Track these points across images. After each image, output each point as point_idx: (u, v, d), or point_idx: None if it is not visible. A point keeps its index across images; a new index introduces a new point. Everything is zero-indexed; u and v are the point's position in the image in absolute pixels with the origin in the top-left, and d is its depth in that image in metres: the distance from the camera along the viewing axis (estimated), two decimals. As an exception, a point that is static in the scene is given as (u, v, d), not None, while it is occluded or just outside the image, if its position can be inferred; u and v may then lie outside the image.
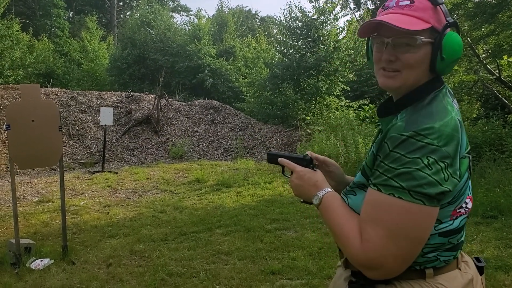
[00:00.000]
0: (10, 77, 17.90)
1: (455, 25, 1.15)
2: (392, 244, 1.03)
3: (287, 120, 14.27)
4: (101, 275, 4.03)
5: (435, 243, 1.09)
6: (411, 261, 1.07)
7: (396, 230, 1.03)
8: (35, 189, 8.38)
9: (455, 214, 1.11)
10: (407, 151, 1.02)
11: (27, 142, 4.30)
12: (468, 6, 8.46)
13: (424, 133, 1.02)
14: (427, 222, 1.04)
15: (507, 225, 4.98)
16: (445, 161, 1.01)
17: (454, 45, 1.12)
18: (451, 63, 1.14)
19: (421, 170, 1.00)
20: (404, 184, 1.02)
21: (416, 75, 1.15)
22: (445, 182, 1.02)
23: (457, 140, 1.04)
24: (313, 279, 3.75)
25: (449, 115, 1.07)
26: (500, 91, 10.35)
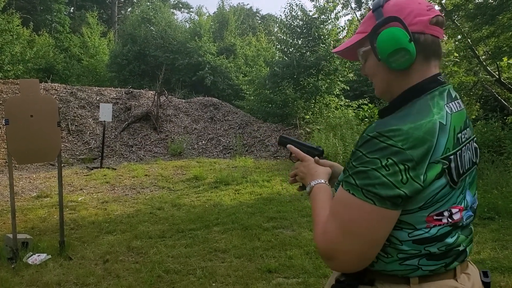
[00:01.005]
0: (10, 72, 17.88)
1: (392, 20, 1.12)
2: (343, 238, 1.05)
3: (286, 119, 14.29)
4: (98, 271, 4.03)
5: (409, 250, 1.07)
6: (365, 259, 1.07)
7: (348, 226, 1.05)
8: (33, 184, 8.38)
9: (432, 222, 1.06)
10: (368, 150, 1.03)
11: (26, 137, 4.30)
12: (468, 7, 8.45)
13: (388, 134, 1.01)
14: (379, 223, 1.03)
15: (504, 226, 4.99)
16: (406, 164, 0.99)
17: (384, 43, 1.11)
18: (388, 58, 1.12)
19: (377, 170, 1.00)
20: (359, 182, 1.03)
21: (381, 80, 1.19)
22: (403, 185, 1.00)
23: (428, 144, 1.01)
24: (310, 277, 3.76)
25: (427, 118, 1.05)
26: (500, 93, 10.35)
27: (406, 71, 1.14)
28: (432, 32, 1.14)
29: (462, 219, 1.12)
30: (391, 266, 1.09)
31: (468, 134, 1.17)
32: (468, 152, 1.15)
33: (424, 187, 1.02)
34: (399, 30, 1.10)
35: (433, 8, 1.16)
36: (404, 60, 1.11)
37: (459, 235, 1.12)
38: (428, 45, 1.13)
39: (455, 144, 1.08)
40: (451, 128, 1.07)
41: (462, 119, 1.15)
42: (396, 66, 1.13)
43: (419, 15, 1.13)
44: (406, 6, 1.14)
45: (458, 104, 1.15)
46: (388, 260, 1.09)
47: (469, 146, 1.17)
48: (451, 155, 1.06)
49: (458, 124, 1.12)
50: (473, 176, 1.19)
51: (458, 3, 8.57)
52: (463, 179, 1.12)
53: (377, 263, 1.10)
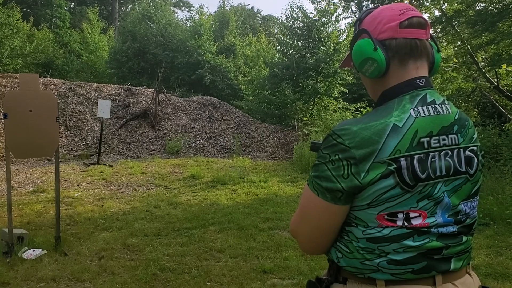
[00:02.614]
0: (9, 66, 17.84)
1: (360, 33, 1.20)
2: (300, 222, 1.20)
3: (284, 120, 14.29)
4: (93, 267, 4.03)
5: (364, 247, 1.10)
6: (317, 244, 1.19)
7: (302, 212, 1.18)
8: (30, 179, 8.36)
9: (383, 221, 1.07)
10: (324, 146, 1.12)
11: (24, 131, 4.29)
12: (469, 14, 8.48)
13: (339, 133, 1.09)
14: (321, 214, 1.13)
15: (499, 233, 5.01)
16: (349, 160, 1.06)
17: (354, 56, 1.21)
18: (363, 67, 1.19)
19: (325, 164, 1.10)
20: (312, 174, 1.14)
21: (369, 89, 1.29)
22: (343, 180, 1.06)
23: (374, 145, 1.05)
24: (304, 279, 3.76)
25: (381, 120, 1.08)
26: (498, 100, 10.39)
27: (384, 76, 1.18)
28: (404, 35, 1.14)
29: (429, 226, 1.08)
30: (353, 262, 1.13)
31: (451, 141, 1.12)
32: (447, 159, 1.10)
33: (363, 184, 1.05)
34: (366, 41, 1.17)
35: (408, 11, 1.16)
36: (374, 68, 1.16)
37: (430, 240, 1.08)
38: (400, 49, 1.14)
39: (412, 147, 1.06)
40: (409, 131, 1.06)
41: (438, 125, 1.11)
42: (369, 74, 1.19)
43: (388, 22, 1.16)
44: (378, 16, 1.19)
45: (432, 109, 1.11)
46: (350, 256, 1.13)
47: (450, 153, 1.11)
48: (402, 157, 1.04)
49: (426, 129, 1.08)
50: (456, 185, 1.12)
51: (459, 9, 8.60)
52: (429, 185, 1.07)
53: (342, 258, 1.15)
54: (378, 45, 1.14)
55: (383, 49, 1.14)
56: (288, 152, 12.14)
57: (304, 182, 8.22)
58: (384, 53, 1.14)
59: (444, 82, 10.51)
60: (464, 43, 8.79)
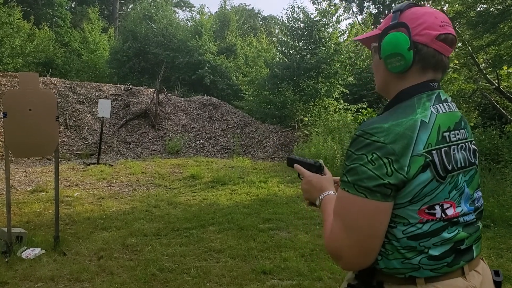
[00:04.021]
0: (9, 65, 17.84)
1: (400, 25, 1.21)
2: (346, 234, 1.11)
3: (285, 120, 14.28)
4: (92, 267, 4.01)
5: (406, 246, 1.11)
6: (368, 253, 1.12)
7: (348, 222, 1.11)
8: (29, 178, 8.35)
9: (424, 215, 1.11)
10: (356, 148, 1.11)
11: (23, 130, 4.28)
12: (470, 15, 8.46)
13: (371, 131, 1.09)
14: (374, 215, 1.09)
15: (500, 234, 4.99)
16: (389, 158, 1.06)
17: (385, 45, 1.22)
18: (386, 59, 1.22)
19: (364, 165, 1.08)
20: (350, 179, 1.11)
21: (379, 78, 1.30)
22: (388, 177, 1.07)
23: (408, 139, 1.08)
24: (304, 280, 3.75)
25: (410, 116, 1.12)
26: (499, 101, 10.37)
27: (402, 75, 1.22)
28: (436, 47, 1.19)
29: (459, 215, 1.15)
30: (392, 263, 1.12)
31: (462, 135, 1.22)
32: (462, 152, 1.19)
33: (409, 178, 1.07)
34: (403, 36, 1.18)
35: (447, 26, 1.21)
36: (399, 64, 1.20)
37: (458, 231, 1.15)
38: (428, 58, 1.19)
39: (439, 141, 1.13)
40: (434, 126, 1.13)
41: (453, 120, 1.20)
42: (391, 68, 1.22)
43: (428, 28, 1.19)
44: (421, 17, 1.21)
45: (447, 106, 1.20)
46: (390, 257, 1.12)
47: (464, 146, 1.21)
48: (434, 150, 1.11)
49: (446, 124, 1.17)
50: (471, 175, 1.22)
51: (460, 11, 8.58)
52: (455, 176, 1.15)
53: (381, 260, 1.14)
54: (412, 47, 1.18)
55: (414, 51, 1.18)
56: (288, 153, 12.12)
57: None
58: (413, 55, 1.18)
59: (445, 83, 10.48)
60: (465, 44, 8.77)
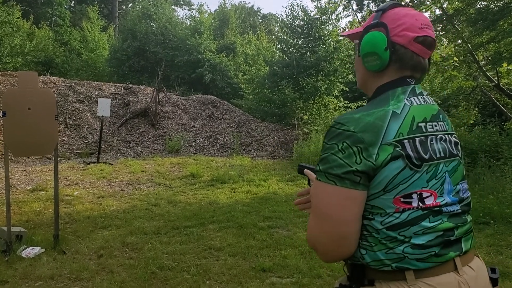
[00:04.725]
0: (9, 64, 17.83)
1: (379, 25, 1.24)
2: (318, 223, 1.15)
3: (284, 119, 14.27)
4: (92, 266, 4.02)
5: (386, 237, 1.12)
6: (340, 243, 1.13)
7: (319, 210, 1.15)
8: (29, 177, 8.35)
9: (400, 204, 1.11)
10: (328, 138, 1.16)
11: (23, 129, 4.28)
12: (469, 12, 8.44)
13: (342, 121, 1.14)
14: (343, 202, 1.11)
15: (499, 231, 5.00)
16: (358, 146, 1.10)
17: (364, 43, 1.25)
18: (364, 58, 1.26)
19: (335, 154, 1.12)
20: (322, 167, 1.15)
21: (360, 75, 1.34)
22: (357, 165, 1.09)
23: (378, 128, 1.11)
24: (303, 278, 3.75)
25: (381, 107, 1.16)
26: (498, 98, 10.36)
27: (380, 73, 1.26)
28: (414, 49, 1.22)
29: (441, 205, 1.15)
30: (377, 255, 1.13)
31: (441, 127, 1.24)
32: (442, 143, 1.21)
33: (377, 165, 1.10)
34: (381, 36, 1.22)
35: (427, 28, 1.24)
36: (375, 63, 1.24)
37: (442, 221, 1.15)
38: (405, 59, 1.23)
39: (412, 130, 1.15)
40: (407, 117, 1.16)
41: (429, 113, 1.22)
42: (367, 67, 1.26)
43: (407, 30, 1.22)
44: (401, 18, 1.23)
45: (422, 99, 1.23)
46: (375, 248, 1.13)
47: (444, 138, 1.22)
48: (405, 139, 1.13)
49: (421, 115, 1.19)
50: (453, 166, 1.23)
51: (459, 8, 8.57)
52: (433, 165, 1.16)
53: (366, 254, 1.14)
54: (390, 47, 1.21)
55: (391, 51, 1.21)
56: (288, 151, 12.12)
57: (303, 180, 8.21)
58: (390, 55, 1.21)
59: (445, 80, 10.48)
60: (464, 42, 8.76)
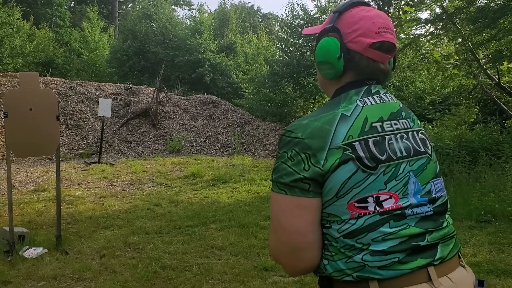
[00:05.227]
0: (9, 65, 17.83)
1: (333, 30, 1.18)
2: (275, 236, 1.12)
3: (285, 118, 14.27)
4: (94, 266, 4.03)
5: (344, 245, 1.07)
6: (297, 255, 1.09)
7: (274, 222, 1.12)
8: (30, 178, 8.37)
9: (354, 210, 1.06)
10: (280, 147, 1.13)
11: (24, 130, 4.29)
12: (470, 11, 8.44)
13: (291, 129, 1.11)
14: (295, 211, 1.08)
15: (501, 230, 4.99)
16: (306, 152, 1.07)
17: (318, 50, 1.21)
18: (321, 66, 1.22)
19: (285, 162, 1.09)
20: (273, 177, 1.12)
21: (318, 79, 1.31)
22: (305, 172, 1.06)
23: (326, 132, 1.08)
24: (305, 276, 3.75)
25: (330, 111, 1.13)
26: (499, 97, 10.36)
27: (337, 79, 1.21)
28: (370, 55, 1.16)
29: (403, 207, 1.08)
30: (338, 265, 1.08)
31: (402, 125, 1.17)
32: (404, 141, 1.14)
33: (325, 171, 1.06)
34: (334, 44, 1.16)
35: (385, 32, 1.16)
36: (329, 72, 1.20)
37: (407, 225, 1.08)
38: (362, 66, 1.17)
39: (365, 131, 1.10)
40: (359, 118, 1.11)
41: (387, 111, 1.16)
42: (323, 74, 1.23)
43: (363, 35, 1.15)
44: (357, 22, 1.16)
45: (378, 98, 1.17)
46: (335, 258, 1.09)
47: (405, 136, 1.16)
48: (356, 141, 1.08)
49: (376, 115, 1.13)
50: (420, 165, 1.15)
51: (460, 6, 8.56)
52: (392, 166, 1.09)
53: (328, 265, 1.10)
54: (344, 54, 1.15)
55: (346, 58, 1.16)
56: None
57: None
58: (344, 63, 1.16)
59: (445, 79, 10.49)
60: (465, 40, 8.75)
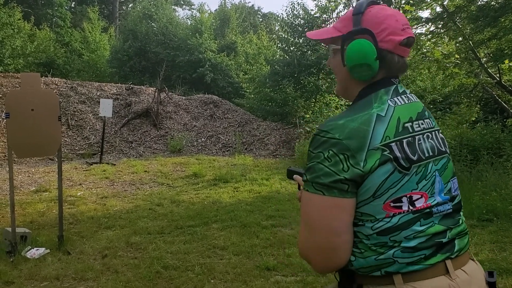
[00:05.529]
0: (10, 66, 17.84)
1: (365, 32, 1.17)
2: (308, 235, 1.13)
3: (286, 118, 14.27)
4: (97, 266, 4.03)
5: (376, 243, 1.09)
6: (332, 253, 1.10)
7: (308, 221, 1.12)
8: (32, 179, 8.38)
9: (390, 209, 1.09)
10: (314, 147, 1.12)
11: (26, 130, 4.29)
12: (470, 9, 8.43)
13: (326, 129, 1.10)
14: (332, 212, 1.08)
15: (503, 228, 5.00)
16: (345, 153, 1.07)
17: (349, 53, 1.18)
18: (352, 69, 1.19)
19: (321, 162, 1.09)
20: (309, 177, 1.12)
21: (341, 79, 1.27)
22: (344, 173, 1.07)
23: (364, 133, 1.08)
24: (308, 276, 3.76)
25: (365, 111, 1.13)
26: (500, 95, 10.36)
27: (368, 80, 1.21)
28: (400, 52, 1.19)
29: (431, 206, 1.13)
30: (367, 261, 1.10)
31: (427, 124, 1.20)
32: (429, 141, 1.18)
33: (365, 172, 1.07)
34: (369, 45, 1.15)
35: (407, 28, 1.19)
36: (366, 74, 1.19)
37: (433, 224, 1.13)
38: (393, 64, 1.19)
39: (399, 132, 1.12)
40: (393, 118, 1.13)
41: (415, 111, 1.19)
42: (357, 77, 1.20)
43: (392, 34, 1.17)
44: (383, 21, 1.18)
45: (406, 98, 1.19)
46: (363, 255, 1.11)
47: (430, 135, 1.20)
48: (392, 142, 1.10)
49: (406, 115, 1.15)
50: (443, 164, 1.20)
51: (460, 5, 8.56)
52: (422, 166, 1.13)
53: (355, 261, 1.12)
54: (379, 56, 1.16)
55: (380, 57, 1.16)
56: (289, 150, 12.14)
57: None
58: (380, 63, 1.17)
59: (446, 78, 10.49)
60: (466, 39, 8.75)
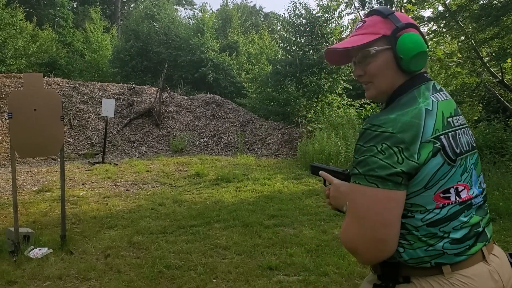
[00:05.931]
0: (13, 66, 17.89)
1: (410, 26, 1.25)
2: (357, 227, 1.14)
3: (288, 117, 14.27)
4: (99, 265, 4.04)
5: (426, 233, 1.14)
6: (382, 245, 1.12)
7: (359, 213, 1.13)
8: (35, 178, 8.40)
9: (440, 200, 1.14)
10: (364, 141, 1.14)
11: (29, 131, 4.31)
12: (473, 8, 8.42)
13: (378, 123, 1.13)
14: (385, 204, 1.10)
15: (505, 228, 4.99)
16: (399, 146, 1.09)
17: (407, 44, 1.22)
18: (412, 59, 1.23)
19: (375, 155, 1.10)
20: (361, 170, 1.13)
21: (386, 80, 1.28)
22: (399, 165, 1.09)
23: (417, 126, 1.11)
24: (310, 275, 3.76)
25: (413, 106, 1.16)
26: (502, 94, 10.33)
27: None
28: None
29: (472, 198, 1.19)
30: (417, 253, 1.14)
31: (462, 121, 1.27)
32: (464, 136, 1.24)
33: (420, 164, 1.10)
34: (418, 36, 1.24)
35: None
36: (423, 62, 1.24)
37: (472, 214, 1.19)
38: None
39: (444, 126, 1.17)
40: (438, 113, 1.18)
41: (452, 107, 1.25)
42: (414, 67, 1.24)
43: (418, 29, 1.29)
44: (408, 19, 1.28)
45: (444, 95, 1.26)
46: (413, 247, 1.14)
47: (465, 131, 1.26)
48: (441, 135, 1.15)
49: (447, 110, 1.21)
50: (475, 158, 1.27)
51: (463, 4, 8.54)
52: (463, 159, 1.19)
53: (404, 252, 1.15)
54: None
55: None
56: (292, 150, 12.13)
57: (308, 178, 8.22)
58: None
59: (448, 77, 10.45)
60: (468, 38, 8.74)
